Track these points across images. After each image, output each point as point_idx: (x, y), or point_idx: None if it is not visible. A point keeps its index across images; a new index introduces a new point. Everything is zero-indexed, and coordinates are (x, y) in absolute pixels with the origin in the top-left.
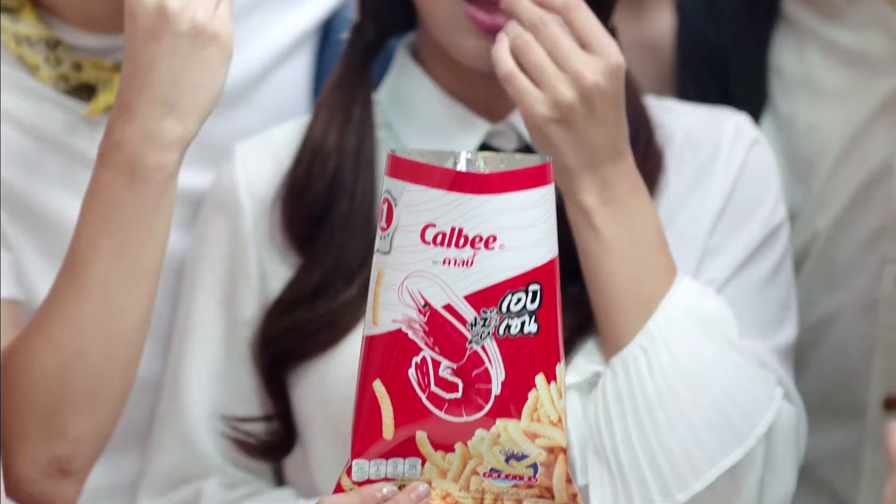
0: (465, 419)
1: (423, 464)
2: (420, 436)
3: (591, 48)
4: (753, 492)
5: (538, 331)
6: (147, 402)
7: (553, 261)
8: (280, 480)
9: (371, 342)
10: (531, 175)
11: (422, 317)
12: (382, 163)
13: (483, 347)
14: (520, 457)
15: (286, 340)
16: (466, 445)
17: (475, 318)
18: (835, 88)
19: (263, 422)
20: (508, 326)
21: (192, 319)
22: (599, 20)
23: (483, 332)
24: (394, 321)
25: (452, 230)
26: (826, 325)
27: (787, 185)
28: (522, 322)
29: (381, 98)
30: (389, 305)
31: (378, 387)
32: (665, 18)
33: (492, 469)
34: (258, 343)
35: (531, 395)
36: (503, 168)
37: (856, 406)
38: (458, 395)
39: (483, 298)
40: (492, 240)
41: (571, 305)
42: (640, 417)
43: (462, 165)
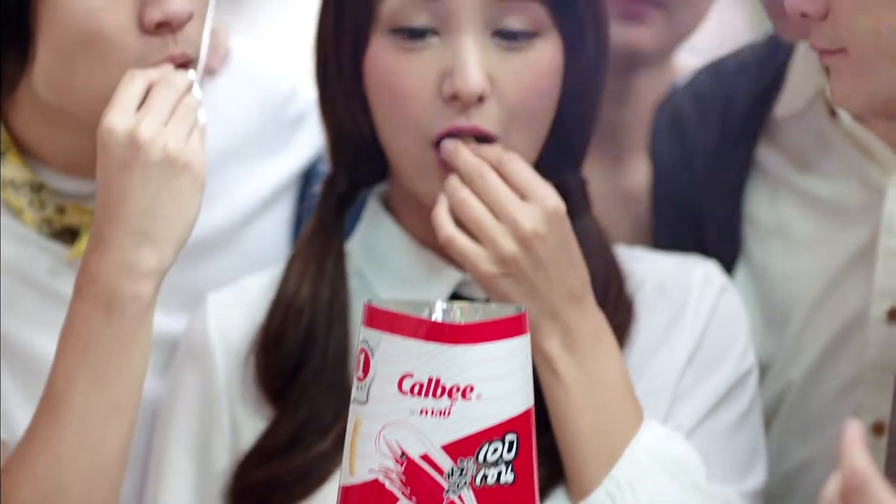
0: None
1: None
2: None
3: (528, 196)
4: None
5: (514, 480)
6: None
7: (529, 410)
8: None
9: (347, 492)
10: (507, 325)
11: (399, 466)
12: (355, 313)
13: (460, 497)
14: None
15: (259, 492)
16: None
17: (452, 468)
18: (808, 237)
19: None
20: (485, 476)
21: (165, 469)
22: (570, 170)
23: (460, 482)
24: (370, 471)
25: (430, 380)
26: (800, 475)
27: (761, 334)
28: (499, 472)
29: (353, 248)
30: (366, 455)
31: None
32: (642, 169)
33: None
34: (231, 494)
35: None
36: (479, 318)
37: None
38: None
39: (460, 448)
40: (469, 390)
41: (545, 454)
42: None
43: (438, 315)
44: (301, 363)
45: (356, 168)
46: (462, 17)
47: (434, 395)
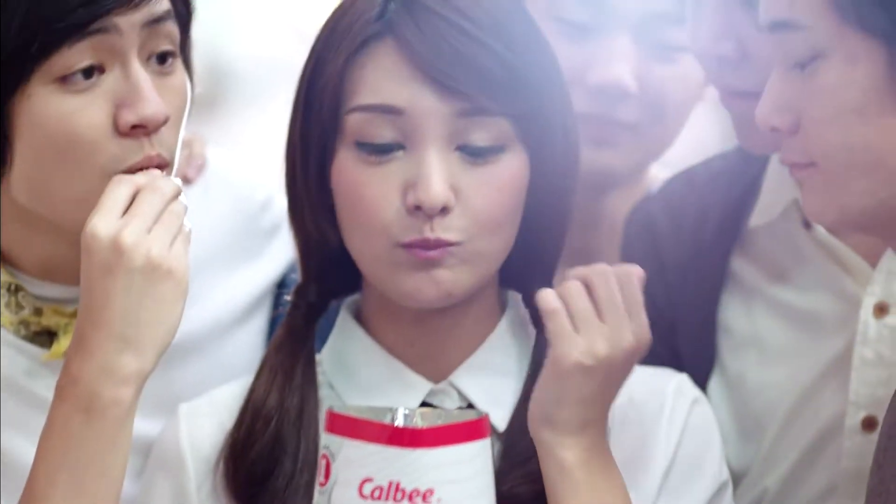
0: None
1: None
2: None
3: (633, 317)
4: None
5: None
6: None
7: None
8: None
9: None
10: (467, 429)
11: None
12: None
13: None
14: None
15: None
16: None
17: None
18: (784, 348)
19: None
20: None
21: None
22: (539, 282)
23: None
24: None
25: (390, 484)
26: None
27: (735, 444)
28: None
29: (324, 358)
30: None
31: None
32: None
33: None
34: None
35: None
36: (440, 423)
37: None
38: None
39: None
40: (429, 493)
41: None
42: None
43: (400, 421)
44: (270, 471)
45: (326, 278)
46: (426, 132)
47: (395, 500)
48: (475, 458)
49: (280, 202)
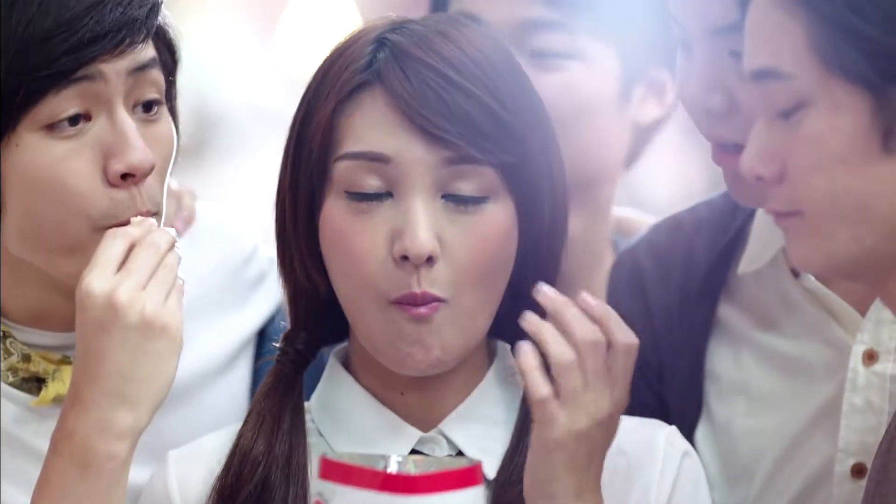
0: None
1: None
2: None
3: (616, 385)
4: None
5: None
6: None
7: None
8: None
9: None
10: (461, 476)
11: None
12: (315, 470)
13: None
14: None
15: None
16: None
17: None
18: (772, 395)
19: None
20: None
21: None
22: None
23: None
24: None
25: None
26: None
27: (723, 491)
28: None
29: (312, 406)
30: None
31: None
32: None
33: None
34: None
35: None
36: (433, 470)
37: None
38: None
39: None
40: None
41: None
42: None
43: (393, 468)
44: None
45: (315, 325)
46: (413, 181)
47: None
48: None
49: (264, 252)
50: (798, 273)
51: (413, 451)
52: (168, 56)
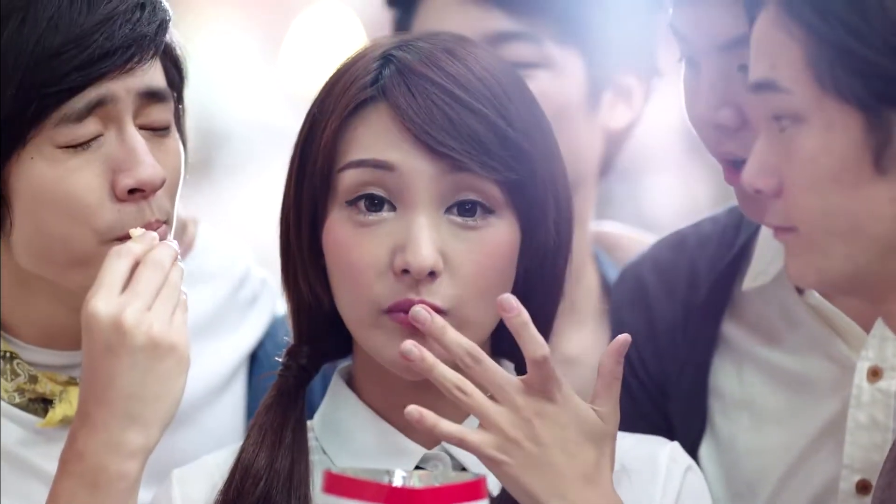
0: None
1: None
2: None
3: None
4: None
5: None
6: None
7: None
8: None
9: None
10: (466, 490)
11: None
12: (318, 487)
13: None
14: None
15: None
16: None
17: None
18: (776, 411)
19: None
20: None
21: None
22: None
23: None
24: None
25: None
26: None
27: None
28: None
29: (316, 424)
30: None
31: None
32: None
33: None
34: None
35: None
36: (438, 484)
37: None
38: None
39: None
40: None
41: None
42: None
43: (398, 482)
44: None
45: (318, 340)
46: (416, 194)
47: None
48: None
49: (256, 274)
50: (802, 289)
51: (417, 468)
52: (176, 74)
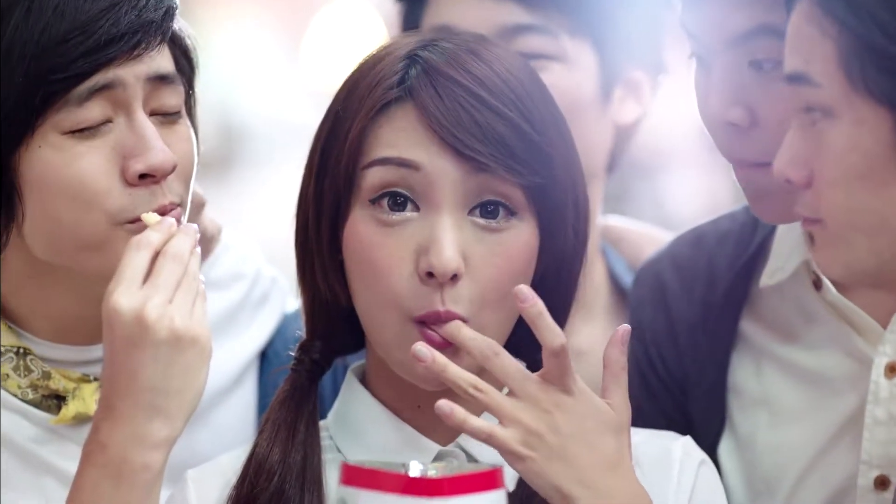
0: None
1: None
2: None
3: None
4: None
5: None
6: None
7: None
8: None
9: None
10: (483, 479)
11: None
12: (331, 485)
13: None
14: None
15: None
16: None
17: None
18: (795, 408)
19: None
20: None
21: None
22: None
23: None
24: None
25: None
26: None
27: None
28: None
29: (329, 422)
30: None
31: None
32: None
33: None
34: None
35: None
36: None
37: None
38: None
39: None
40: None
41: None
42: None
43: (414, 473)
44: None
45: (332, 336)
46: (441, 195)
47: None
48: None
49: (267, 272)
50: (820, 286)
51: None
52: (185, 63)
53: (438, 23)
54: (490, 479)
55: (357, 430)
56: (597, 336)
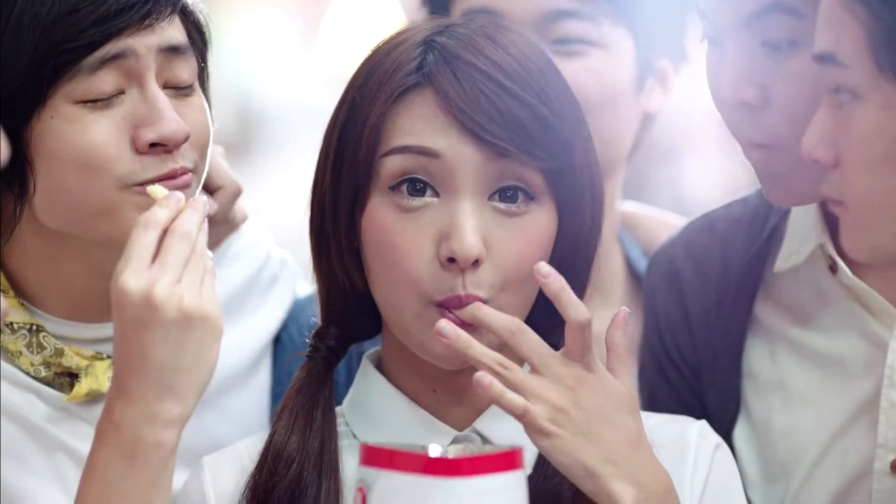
0: None
1: None
2: None
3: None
4: None
5: None
6: None
7: None
8: None
9: None
10: (502, 459)
11: None
12: (347, 471)
13: None
14: None
15: None
16: None
17: None
18: (809, 391)
19: None
20: None
21: None
22: (560, 333)
23: None
24: None
25: None
26: None
27: (762, 488)
28: None
29: (345, 408)
30: None
31: None
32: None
33: None
34: None
35: None
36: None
37: None
38: None
39: None
40: None
41: None
42: None
43: (434, 454)
44: None
45: (347, 322)
46: (461, 181)
47: None
48: (510, 489)
49: (277, 255)
50: (835, 269)
51: None
52: (198, 37)
53: (477, 6)
54: (509, 460)
55: (373, 416)
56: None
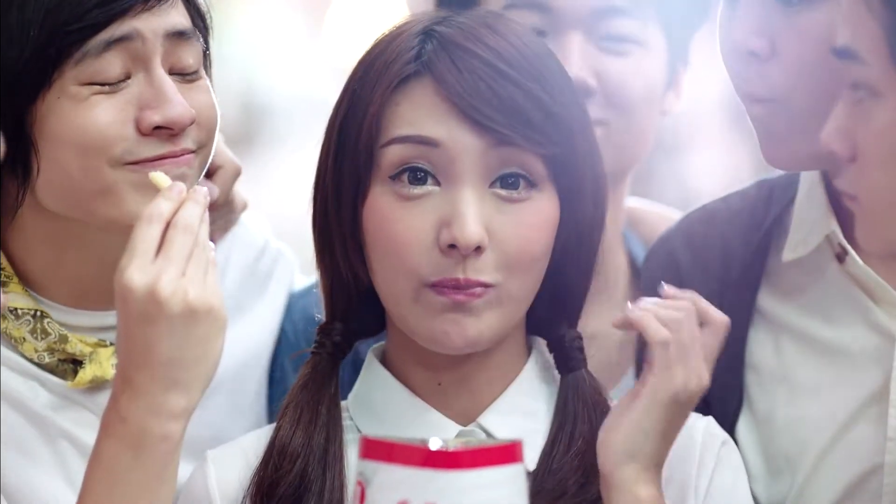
0: None
1: None
2: None
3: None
4: None
5: None
6: None
7: None
8: None
9: None
10: (502, 452)
11: None
12: (352, 466)
13: None
14: None
15: None
16: None
17: None
18: (815, 384)
19: None
20: None
21: None
22: (564, 325)
23: None
24: None
25: None
26: None
27: (766, 482)
28: None
29: (350, 403)
30: None
31: None
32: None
33: None
34: None
35: None
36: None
37: None
38: None
39: None
40: None
41: None
42: None
43: (434, 447)
44: None
45: (352, 317)
46: (462, 168)
47: None
48: (511, 482)
49: (273, 246)
50: (843, 258)
51: None
52: (200, 23)
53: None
54: (509, 453)
55: (377, 410)
56: None
